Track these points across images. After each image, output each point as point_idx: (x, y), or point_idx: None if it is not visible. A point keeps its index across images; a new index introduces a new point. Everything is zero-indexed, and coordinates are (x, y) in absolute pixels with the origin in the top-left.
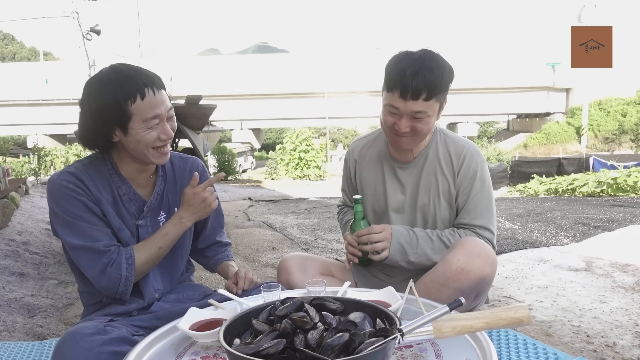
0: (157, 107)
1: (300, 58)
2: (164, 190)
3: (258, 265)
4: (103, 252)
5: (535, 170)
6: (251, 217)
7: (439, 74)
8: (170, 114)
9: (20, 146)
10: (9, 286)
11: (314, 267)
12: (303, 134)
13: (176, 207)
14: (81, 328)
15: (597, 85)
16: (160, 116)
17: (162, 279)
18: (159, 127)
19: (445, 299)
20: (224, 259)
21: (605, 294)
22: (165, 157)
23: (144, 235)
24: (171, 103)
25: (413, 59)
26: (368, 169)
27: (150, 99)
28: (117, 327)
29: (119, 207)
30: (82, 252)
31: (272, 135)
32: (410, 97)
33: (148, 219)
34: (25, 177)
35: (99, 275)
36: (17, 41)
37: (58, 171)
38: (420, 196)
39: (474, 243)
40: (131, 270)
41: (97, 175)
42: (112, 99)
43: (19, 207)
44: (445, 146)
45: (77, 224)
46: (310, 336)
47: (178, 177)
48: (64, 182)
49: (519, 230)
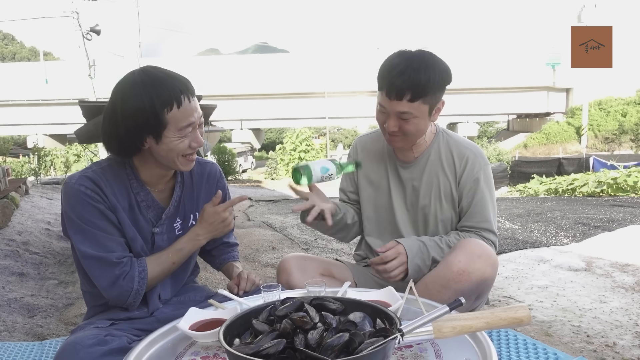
0: (192, 115)
1: (300, 58)
2: (181, 196)
3: (258, 265)
4: (116, 264)
5: (535, 170)
6: (251, 217)
7: (425, 75)
8: (201, 121)
9: (20, 146)
10: (9, 286)
11: (314, 268)
12: (303, 134)
13: (192, 214)
14: (81, 339)
15: (597, 85)
16: (193, 124)
17: (171, 287)
18: (191, 135)
19: (446, 300)
20: (230, 259)
21: (605, 294)
22: (192, 164)
23: (159, 243)
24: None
25: (402, 58)
26: (371, 165)
27: (186, 107)
28: (118, 337)
29: (135, 214)
30: (94, 262)
31: (272, 135)
32: (395, 98)
33: (164, 226)
34: (25, 177)
35: (110, 286)
36: (17, 41)
37: (76, 173)
38: (421, 196)
39: (475, 245)
40: (143, 284)
41: (115, 180)
42: (148, 105)
43: (19, 207)
44: (448, 148)
45: (92, 232)
46: (310, 336)
47: (196, 183)
48: (81, 188)
49: (519, 230)
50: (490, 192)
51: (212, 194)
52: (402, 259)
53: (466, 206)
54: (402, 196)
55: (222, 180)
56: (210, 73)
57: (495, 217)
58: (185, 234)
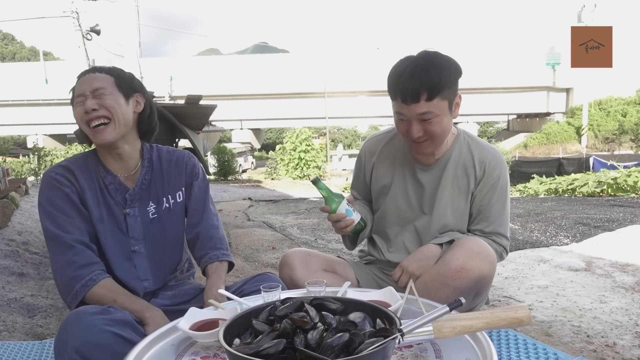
0: (83, 85)
1: (300, 58)
2: (151, 181)
3: (258, 265)
4: (70, 246)
5: (535, 170)
6: (251, 217)
7: (436, 72)
8: (99, 92)
9: (20, 146)
10: (9, 286)
11: (317, 263)
12: (303, 134)
13: (164, 198)
14: (84, 308)
15: (597, 85)
16: (83, 94)
17: (152, 276)
18: (84, 104)
19: (445, 298)
20: (207, 261)
21: (605, 294)
22: (102, 136)
23: (132, 225)
24: (172, 103)
25: (408, 62)
26: (385, 168)
27: (81, 81)
28: (120, 311)
29: (105, 196)
30: (52, 242)
31: (272, 135)
32: (412, 101)
33: (136, 209)
34: (25, 177)
35: (60, 270)
36: (17, 41)
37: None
38: (438, 197)
39: (473, 242)
40: (84, 290)
41: (87, 167)
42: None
43: (19, 207)
44: (469, 150)
45: (54, 213)
46: (310, 336)
47: (165, 168)
48: (52, 174)
49: (519, 230)
50: (506, 197)
51: (180, 174)
52: (406, 270)
53: (482, 210)
54: (419, 199)
55: (192, 161)
56: (210, 73)
57: (508, 223)
58: (145, 305)
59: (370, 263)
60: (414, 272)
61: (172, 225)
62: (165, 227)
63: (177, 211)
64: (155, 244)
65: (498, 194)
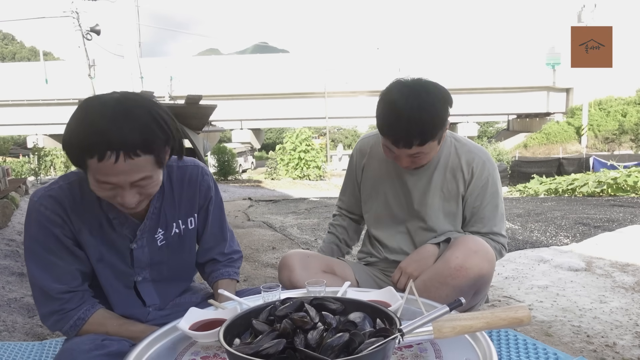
0: (114, 175)
1: (300, 58)
2: (161, 207)
3: (258, 265)
4: (55, 299)
5: (535, 170)
6: (251, 217)
7: (428, 119)
8: (142, 183)
9: (20, 146)
10: (9, 286)
11: (316, 265)
12: (303, 134)
13: (174, 223)
14: (77, 344)
15: (597, 85)
16: (115, 185)
17: (158, 294)
18: (117, 193)
19: (445, 296)
20: (218, 277)
21: (605, 294)
22: (134, 211)
23: (139, 257)
24: (172, 103)
25: (400, 103)
26: (375, 169)
27: (108, 165)
28: (117, 340)
29: (107, 232)
30: (38, 292)
31: (272, 135)
32: (403, 146)
33: (144, 239)
34: (25, 177)
35: (45, 316)
36: (17, 41)
37: (41, 189)
38: (429, 202)
39: (472, 241)
40: (75, 329)
41: (84, 197)
42: (75, 139)
43: (19, 207)
44: (457, 153)
45: (41, 256)
46: (310, 336)
47: (176, 189)
48: (41, 208)
49: (519, 230)
50: (498, 196)
51: (193, 198)
52: (405, 272)
53: (475, 212)
54: (409, 201)
55: (205, 182)
56: (210, 73)
57: (504, 220)
58: (141, 328)
59: (369, 264)
60: (413, 273)
61: (182, 250)
62: (174, 253)
63: (188, 237)
64: (162, 270)
65: (489, 194)
